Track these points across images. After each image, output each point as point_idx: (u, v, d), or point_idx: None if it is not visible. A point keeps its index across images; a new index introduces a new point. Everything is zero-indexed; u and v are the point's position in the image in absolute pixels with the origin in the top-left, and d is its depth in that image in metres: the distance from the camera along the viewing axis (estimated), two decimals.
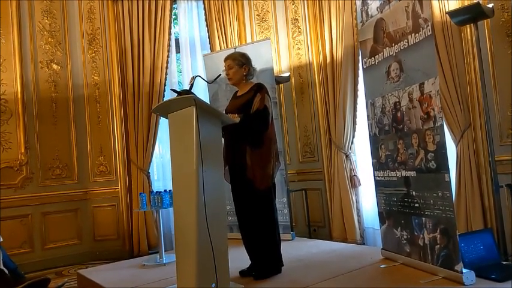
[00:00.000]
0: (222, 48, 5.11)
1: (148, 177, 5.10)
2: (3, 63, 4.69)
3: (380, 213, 3.16)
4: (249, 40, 5.27)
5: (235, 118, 2.82)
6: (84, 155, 5.10)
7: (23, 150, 4.73)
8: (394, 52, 2.84)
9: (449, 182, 2.45)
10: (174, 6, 5.39)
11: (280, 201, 4.23)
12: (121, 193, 5.09)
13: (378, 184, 3.15)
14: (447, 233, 2.46)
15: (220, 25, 5.27)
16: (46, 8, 5.02)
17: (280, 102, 5.01)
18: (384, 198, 3.08)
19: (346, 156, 4.57)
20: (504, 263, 2.74)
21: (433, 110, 2.52)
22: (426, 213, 2.62)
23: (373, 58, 3.09)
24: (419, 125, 2.64)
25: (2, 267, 3.42)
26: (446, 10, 3.48)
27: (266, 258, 2.91)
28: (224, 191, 2.72)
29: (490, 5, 3.10)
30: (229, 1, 5.31)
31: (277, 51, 5.21)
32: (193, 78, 2.79)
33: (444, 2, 3.59)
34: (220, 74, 3.11)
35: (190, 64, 5.44)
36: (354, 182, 4.54)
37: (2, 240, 3.57)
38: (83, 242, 5.00)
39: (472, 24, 3.25)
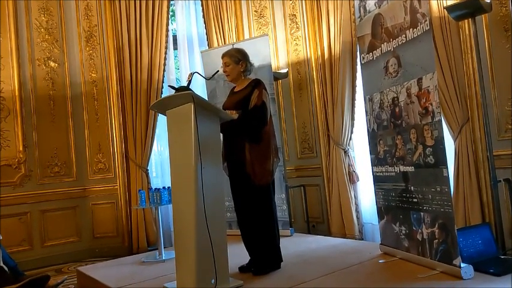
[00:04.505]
0: (220, 44, 5.10)
1: (147, 174, 5.10)
2: (0, 61, 4.67)
3: (378, 209, 3.17)
4: (246, 36, 5.26)
5: (233, 114, 2.82)
6: (83, 152, 5.09)
7: (21, 148, 4.72)
8: (392, 47, 2.84)
9: (448, 176, 2.45)
10: (172, 2, 5.37)
11: (279, 197, 4.23)
12: (120, 190, 5.09)
13: (377, 179, 3.16)
14: (445, 227, 2.47)
15: (218, 21, 5.26)
16: (43, 5, 4.99)
17: (279, 99, 5.01)
18: (383, 194, 3.09)
19: (345, 152, 4.57)
20: (502, 257, 2.75)
21: (431, 105, 2.52)
22: (424, 208, 2.63)
23: (371, 53, 3.09)
24: (417, 120, 2.64)
25: (2, 264, 3.42)
26: (444, 5, 3.48)
27: (265, 254, 2.92)
28: (223, 187, 2.73)
29: (488, 0, 3.10)
30: None
31: (275, 48, 5.20)
32: (191, 74, 2.79)
33: None
34: (218, 71, 3.11)
35: (188, 61, 5.44)
36: (352, 177, 4.54)
37: (1, 238, 3.57)
38: (82, 240, 5.00)
39: (470, 19, 3.24)
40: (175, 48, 5.49)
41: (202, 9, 5.28)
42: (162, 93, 5.14)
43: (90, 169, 5.11)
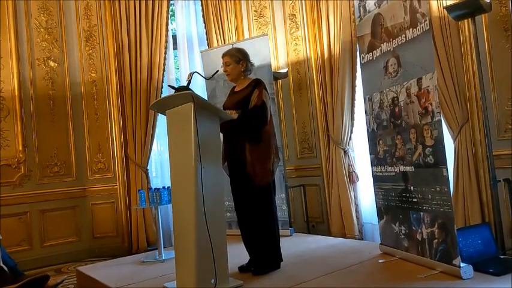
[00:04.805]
0: (220, 44, 5.10)
1: (147, 174, 5.10)
2: (0, 61, 4.67)
3: (378, 209, 3.17)
4: (246, 36, 5.26)
5: (233, 114, 2.82)
6: (82, 152, 5.09)
7: (20, 148, 4.72)
8: (392, 47, 2.84)
9: (447, 176, 2.45)
10: (171, 2, 5.37)
11: (279, 197, 4.23)
12: (119, 190, 5.09)
13: (376, 179, 3.15)
14: (445, 227, 2.47)
15: (217, 21, 5.26)
16: (42, 5, 4.99)
17: (278, 99, 5.00)
18: (382, 194, 3.09)
19: (344, 152, 4.57)
20: (502, 257, 2.75)
21: (431, 105, 2.52)
22: (424, 208, 2.63)
23: (370, 53, 3.09)
24: (417, 120, 2.64)
25: (2, 264, 3.42)
26: (444, 5, 3.48)
27: (265, 254, 2.92)
28: (223, 187, 2.73)
29: (488, 0, 3.10)
30: None
31: (275, 47, 5.20)
32: (191, 74, 2.78)
33: None
34: (217, 70, 3.11)
35: (187, 60, 5.43)
36: (352, 177, 4.54)
37: (1, 238, 3.57)
38: (82, 239, 5.00)
39: (469, 19, 3.24)
40: (175, 48, 5.49)
41: (202, 9, 5.28)
42: (161, 93, 5.14)
43: (90, 169, 5.11)
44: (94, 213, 5.07)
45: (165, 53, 5.17)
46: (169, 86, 2.99)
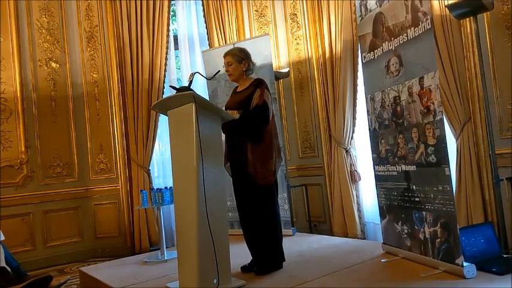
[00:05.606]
0: (221, 44, 5.10)
1: (149, 174, 5.10)
2: (2, 62, 4.68)
3: (380, 208, 3.17)
4: (247, 36, 5.26)
5: (235, 114, 2.82)
6: (84, 153, 5.10)
7: (23, 149, 4.73)
8: (394, 46, 2.83)
9: (450, 175, 2.45)
10: (172, 2, 5.38)
11: (281, 197, 4.22)
12: (122, 190, 5.10)
13: (378, 179, 3.15)
14: (448, 226, 2.47)
15: (218, 21, 5.26)
16: (44, 6, 5.00)
17: (280, 98, 5.00)
18: (384, 193, 3.08)
19: (346, 151, 4.57)
20: (505, 256, 2.74)
21: (433, 104, 2.52)
22: (427, 207, 2.63)
23: (372, 52, 3.08)
24: (419, 119, 2.64)
25: (5, 265, 3.43)
26: (446, 3, 3.47)
27: (267, 254, 2.92)
28: (225, 187, 2.73)
29: None
30: None
31: (276, 47, 5.20)
32: (192, 74, 2.79)
33: None
34: (219, 70, 3.11)
35: (189, 61, 5.44)
36: (354, 177, 4.54)
37: (3, 238, 3.58)
38: (85, 240, 5.01)
39: (471, 18, 3.24)
40: (176, 48, 5.49)
41: (203, 9, 5.29)
42: (163, 93, 5.15)
43: (92, 169, 5.12)
44: (96, 214, 5.08)
45: (167, 53, 5.17)
46: (170, 86, 2.98)
